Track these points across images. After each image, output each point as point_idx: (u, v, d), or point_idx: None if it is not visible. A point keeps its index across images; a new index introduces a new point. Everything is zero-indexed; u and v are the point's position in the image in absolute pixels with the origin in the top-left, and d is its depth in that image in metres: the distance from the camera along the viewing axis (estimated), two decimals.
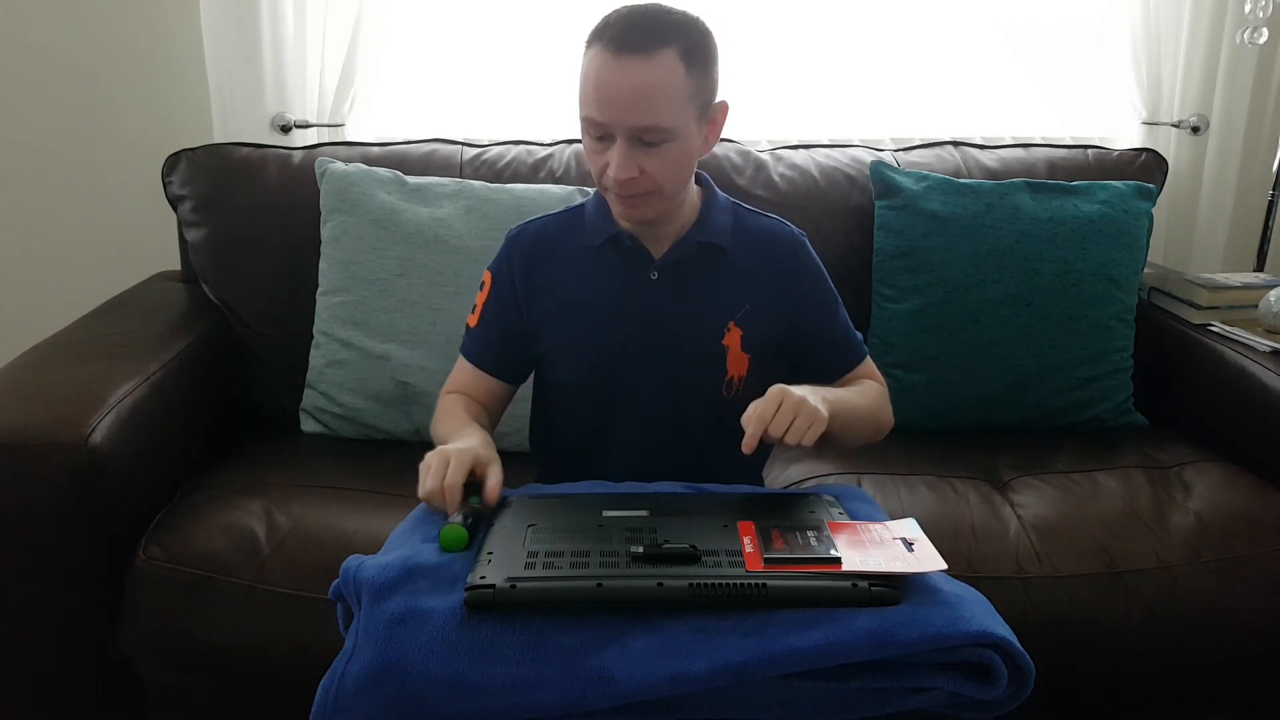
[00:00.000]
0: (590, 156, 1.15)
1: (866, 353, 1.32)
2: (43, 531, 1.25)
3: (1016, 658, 0.85)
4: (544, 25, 2.06)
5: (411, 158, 1.82)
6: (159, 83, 2.03)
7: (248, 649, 1.27)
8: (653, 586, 0.86)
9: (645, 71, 1.07)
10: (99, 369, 1.43)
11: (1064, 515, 1.43)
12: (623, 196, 1.14)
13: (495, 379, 1.28)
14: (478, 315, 1.28)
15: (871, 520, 1.01)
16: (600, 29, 1.11)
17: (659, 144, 1.10)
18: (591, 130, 1.12)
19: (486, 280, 1.28)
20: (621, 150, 1.10)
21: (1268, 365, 1.61)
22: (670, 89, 1.08)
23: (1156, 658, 1.35)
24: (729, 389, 1.24)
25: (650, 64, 1.07)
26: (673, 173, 1.13)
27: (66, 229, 2.09)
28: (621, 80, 1.07)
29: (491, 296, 1.27)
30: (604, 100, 1.08)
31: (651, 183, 1.12)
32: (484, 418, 1.25)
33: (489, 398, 1.29)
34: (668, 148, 1.11)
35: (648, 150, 1.10)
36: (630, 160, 1.10)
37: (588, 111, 1.11)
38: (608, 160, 1.11)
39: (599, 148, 1.13)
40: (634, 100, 1.07)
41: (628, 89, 1.07)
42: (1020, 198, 1.75)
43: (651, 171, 1.11)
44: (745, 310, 1.23)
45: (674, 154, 1.12)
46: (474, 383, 1.29)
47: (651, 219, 1.18)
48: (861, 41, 2.13)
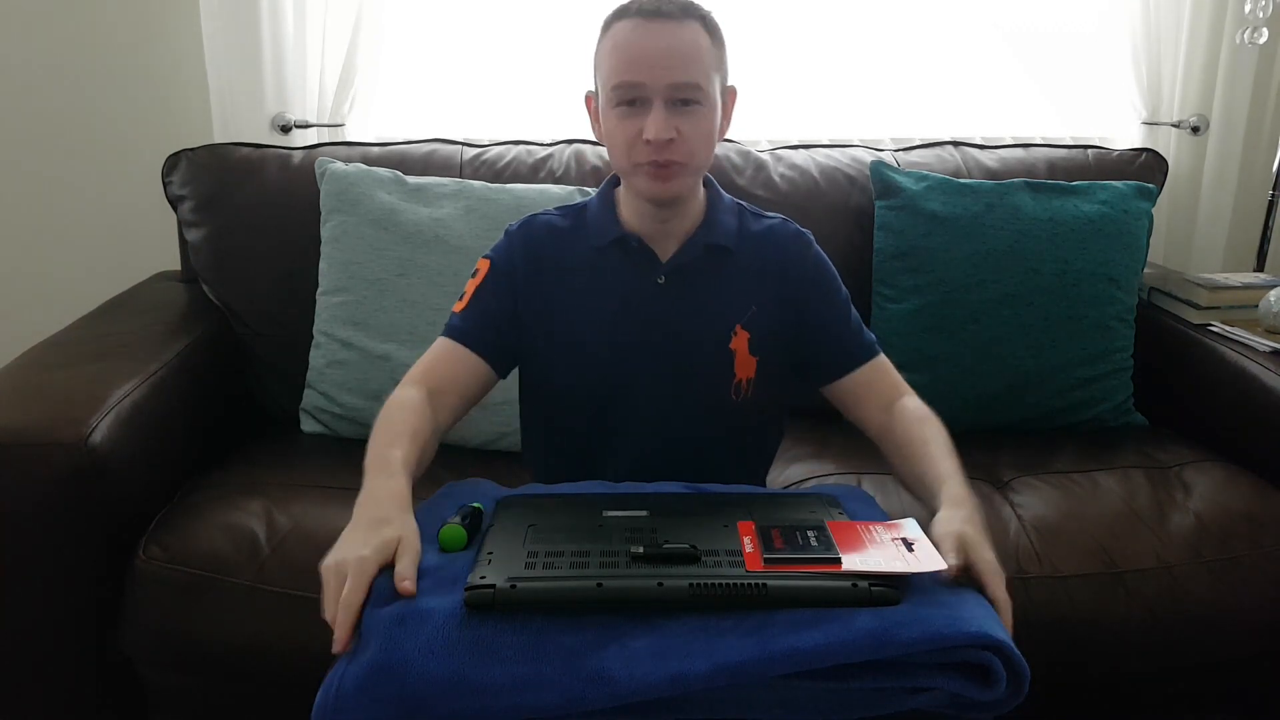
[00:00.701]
0: (620, 127, 1.13)
1: (880, 352, 1.26)
2: (43, 531, 1.25)
3: (1013, 661, 0.85)
4: (544, 25, 2.06)
5: (411, 158, 1.82)
6: (159, 83, 2.03)
7: (248, 649, 1.27)
8: (653, 586, 0.86)
9: (678, 33, 1.11)
10: (99, 369, 1.43)
11: (1064, 515, 1.43)
12: (656, 166, 1.13)
13: (482, 361, 1.19)
14: (467, 300, 1.22)
15: (871, 520, 1.01)
16: (622, 9, 1.14)
17: (694, 106, 1.12)
18: (625, 96, 1.12)
19: (482, 268, 1.24)
20: (659, 111, 1.10)
21: (1268, 365, 1.61)
22: (701, 51, 1.12)
23: (1156, 658, 1.35)
24: (737, 392, 1.23)
25: (682, 27, 1.11)
26: (702, 144, 1.14)
27: (67, 229, 2.09)
28: (658, 40, 1.10)
29: (488, 281, 1.23)
30: (642, 60, 1.10)
31: (684, 150, 1.12)
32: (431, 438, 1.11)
33: (468, 383, 1.19)
34: (700, 113, 1.12)
35: (683, 112, 1.11)
36: (668, 122, 1.10)
37: (622, 77, 1.11)
38: (640, 127, 1.11)
39: (631, 114, 1.12)
40: (671, 58, 1.10)
41: (664, 48, 1.10)
42: (1020, 198, 1.75)
43: (686, 134, 1.12)
44: (752, 312, 1.22)
45: (705, 121, 1.13)
46: (454, 366, 1.18)
47: (678, 195, 1.17)
48: (861, 41, 2.13)
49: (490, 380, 1.22)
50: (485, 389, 1.22)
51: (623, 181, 1.22)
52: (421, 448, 1.07)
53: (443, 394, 1.16)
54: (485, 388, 1.22)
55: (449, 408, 1.16)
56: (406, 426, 1.08)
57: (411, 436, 1.06)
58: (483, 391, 1.22)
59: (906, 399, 1.23)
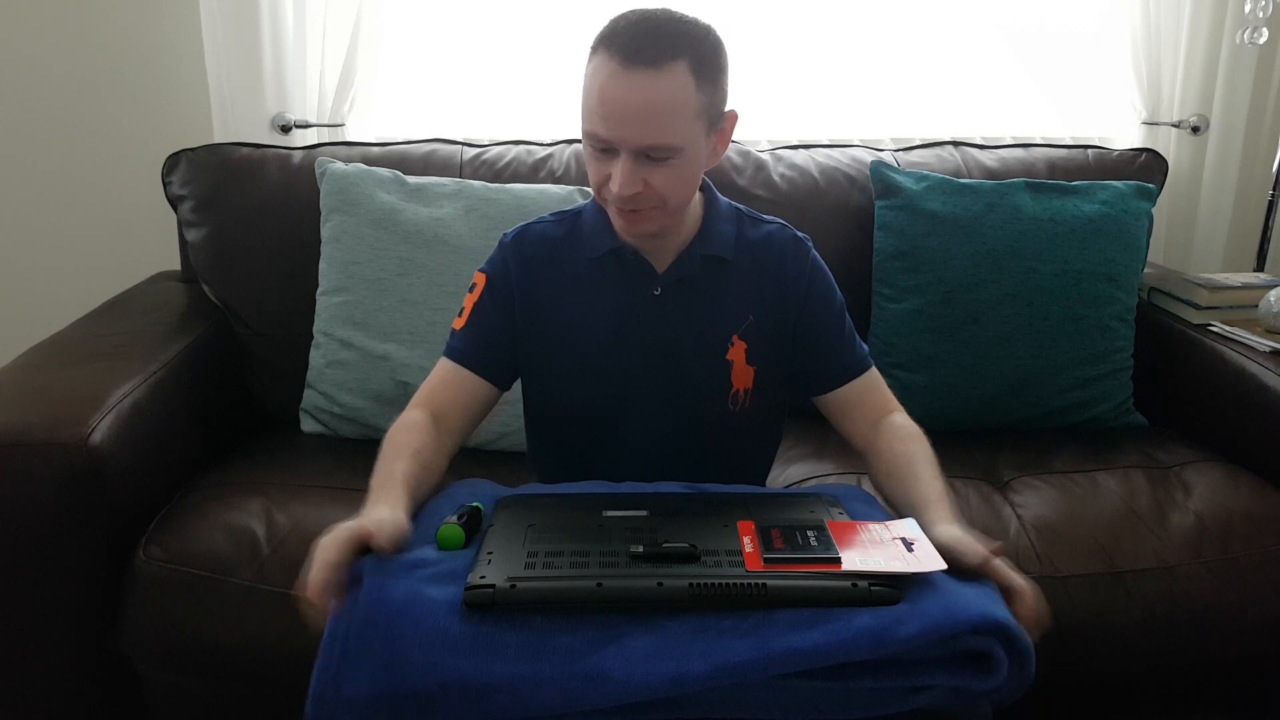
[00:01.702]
0: (592, 166, 1.11)
1: (871, 365, 1.25)
2: (43, 531, 1.25)
3: (1014, 641, 0.84)
4: (544, 25, 2.06)
5: (411, 158, 1.82)
6: (159, 83, 2.03)
7: (248, 649, 1.27)
8: (653, 586, 0.86)
9: (654, 87, 1.02)
10: (99, 369, 1.43)
11: (1064, 515, 1.43)
12: (624, 211, 1.11)
13: (484, 381, 1.20)
14: (466, 318, 1.22)
15: (871, 520, 1.01)
16: (608, 35, 1.05)
17: (665, 160, 1.06)
18: (595, 144, 1.08)
19: (479, 282, 1.23)
20: (626, 166, 1.05)
21: (1268, 365, 1.61)
22: (680, 106, 1.04)
23: (1156, 658, 1.35)
24: (735, 402, 1.22)
25: (660, 79, 1.02)
26: (678, 188, 1.10)
27: (67, 229, 2.09)
28: (629, 96, 1.02)
29: (485, 297, 1.22)
30: (611, 116, 1.04)
31: (656, 197, 1.09)
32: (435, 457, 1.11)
33: (471, 404, 1.20)
34: (674, 163, 1.07)
35: (653, 166, 1.06)
36: (634, 176, 1.06)
37: (592, 126, 1.06)
38: (609, 173, 1.08)
39: (601, 159, 1.09)
40: (642, 118, 1.03)
41: (635, 106, 1.03)
42: (1020, 198, 1.75)
43: (656, 186, 1.07)
44: (749, 322, 1.21)
45: (680, 170, 1.08)
46: (456, 388, 1.19)
47: (653, 233, 1.15)
48: (861, 41, 2.13)
49: (493, 397, 1.22)
50: (489, 405, 1.22)
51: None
52: (424, 466, 1.08)
53: (447, 417, 1.16)
54: (489, 405, 1.22)
55: (454, 430, 1.17)
56: (409, 447, 1.08)
57: (414, 455, 1.07)
58: (487, 408, 1.22)
59: (895, 415, 1.22)
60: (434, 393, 1.19)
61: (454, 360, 1.20)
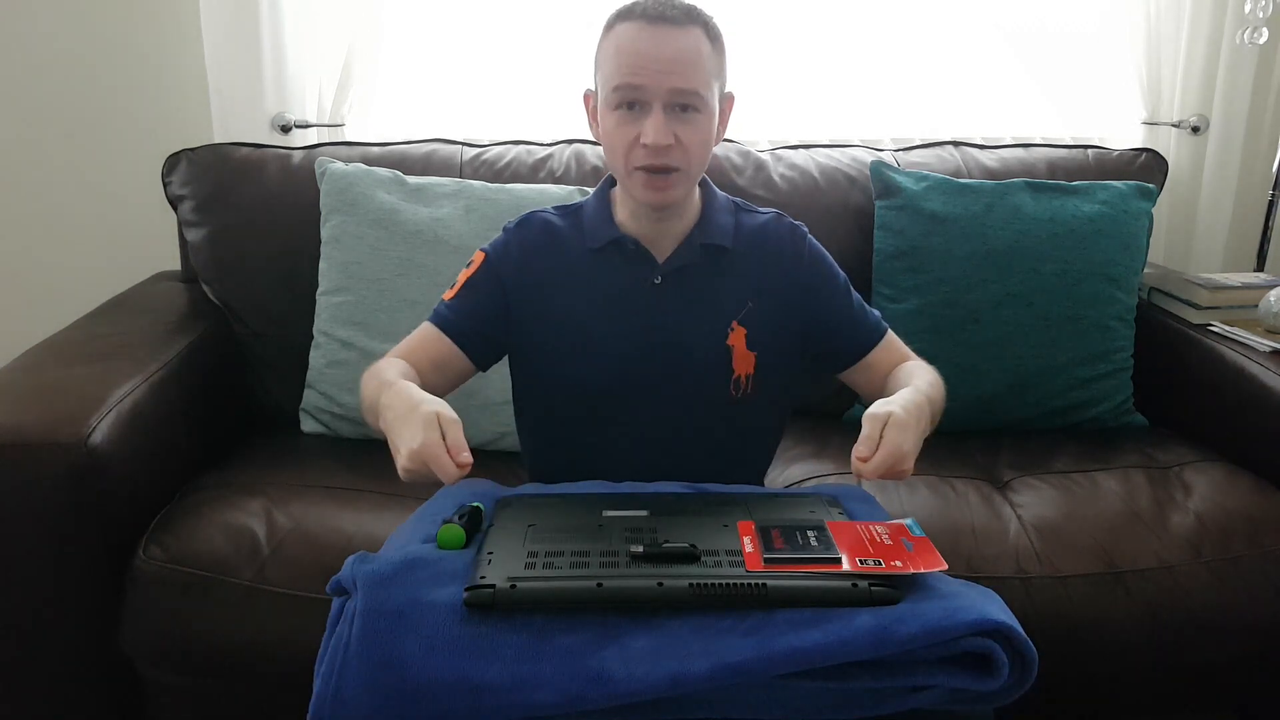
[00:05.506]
0: (618, 130, 1.14)
1: (887, 329, 1.30)
2: (43, 531, 1.25)
3: (1018, 644, 0.84)
4: (544, 26, 2.06)
5: (411, 158, 1.82)
6: (159, 83, 2.03)
7: (248, 649, 1.27)
8: (653, 586, 0.86)
9: (682, 39, 1.11)
10: (99, 369, 1.43)
11: (1064, 515, 1.43)
12: (654, 173, 1.14)
13: (460, 352, 1.22)
14: (457, 290, 1.25)
15: (871, 520, 1.01)
16: (625, 10, 1.14)
17: (692, 113, 1.12)
18: (625, 98, 1.12)
19: (477, 259, 1.26)
20: (658, 117, 1.11)
21: (1268, 365, 1.61)
22: (702, 59, 1.13)
23: (1156, 658, 1.35)
24: (736, 388, 1.23)
25: (684, 34, 1.12)
26: (699, 150, 1.15)
27: (67, 229, 2.09)
28: (661, 45, 1.11)
29: (481, 272, 1.25)
30: (644, 64, 1.10)
31: (681, 156, 1.13)
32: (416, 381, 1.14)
33: (445, 369, 1.22)
34: (699, 119, 1.13)
35: (682, 118, 1.12)
36: (666, 127, 1.11)
37: (624, 79, 1.11)
38: (638, 131, 1.12)
39: (629, 117, 1.13)
40: (673, 63, 1.11)
41: (668, 53, 1.11)
42: (1020, 198, 1.75)
43: (684, 141, 1.12)
44: (749, 308, 1.23)
45: (702, 128, 1.14)
46: (435, 351, 1.21)
47: (676, 201, 1.18)
48: (861, 41, 2.13)
49: (468, 371, 1.25)
50: (463, 378, 1.25)
51: (619, 183, 1.22)
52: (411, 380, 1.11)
53: (422, 374, 1.19)
54: (463, 377, 1.25)
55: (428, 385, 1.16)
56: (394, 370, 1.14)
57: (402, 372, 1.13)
58: (459, 380, 1.25)
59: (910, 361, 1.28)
60: (412, 350, 1.22)
61: (437, 325, 1.24)
